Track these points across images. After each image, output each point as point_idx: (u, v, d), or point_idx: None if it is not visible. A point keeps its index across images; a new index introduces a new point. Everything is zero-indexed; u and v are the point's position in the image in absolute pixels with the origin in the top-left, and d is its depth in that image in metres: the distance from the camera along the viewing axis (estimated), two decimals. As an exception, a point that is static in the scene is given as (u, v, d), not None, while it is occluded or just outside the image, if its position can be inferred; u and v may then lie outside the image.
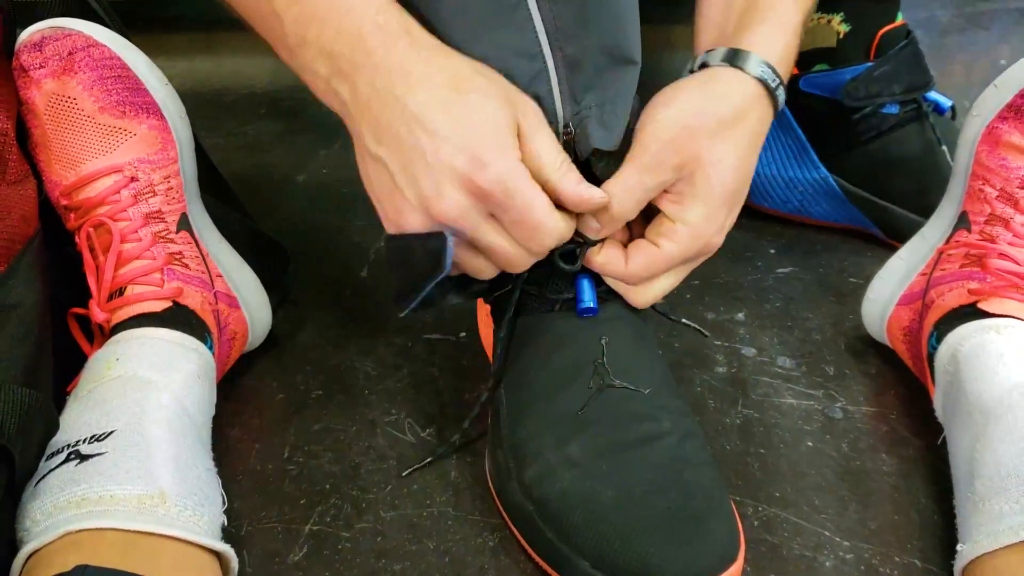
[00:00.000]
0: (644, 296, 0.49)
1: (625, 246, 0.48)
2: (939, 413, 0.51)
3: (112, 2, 0.59)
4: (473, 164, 0.41)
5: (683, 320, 0.55)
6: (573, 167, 0.44)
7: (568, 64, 0.45)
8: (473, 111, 0.41)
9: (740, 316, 0.65)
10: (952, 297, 0.52)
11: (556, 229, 0.43)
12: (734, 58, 0.45)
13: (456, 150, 0.41)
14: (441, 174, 0.41)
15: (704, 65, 0.47)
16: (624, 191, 0.44)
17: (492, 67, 0.44)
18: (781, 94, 0.46)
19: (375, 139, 0.43)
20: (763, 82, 0.45)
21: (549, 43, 0.45)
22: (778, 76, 0.46)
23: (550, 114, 0.46)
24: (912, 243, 0.59)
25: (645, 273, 0.47)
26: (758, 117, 0.46)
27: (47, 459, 0.42)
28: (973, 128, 0.55)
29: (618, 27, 0.47)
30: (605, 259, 0.47)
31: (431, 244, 0.42)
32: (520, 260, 0.45)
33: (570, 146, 0.47)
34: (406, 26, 0.42)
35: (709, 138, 0.44)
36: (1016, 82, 0.52)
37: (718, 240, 0.47)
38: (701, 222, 0.45)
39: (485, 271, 0.46)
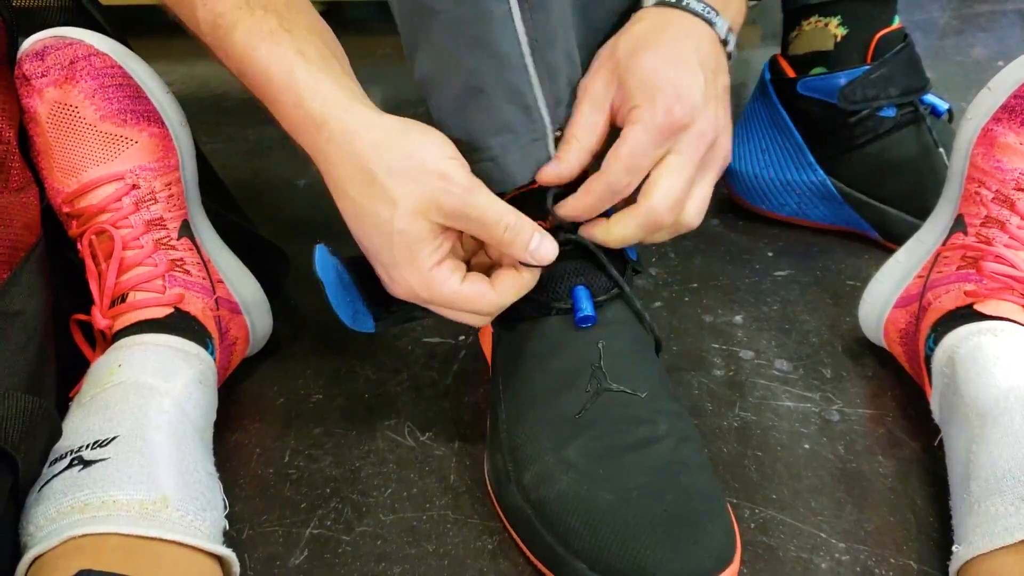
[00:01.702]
0: (607, 233, 0.48)
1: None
2: (936, 415, 0.52)
3: (113, 7, 0.59)
4: (390, 278, 0.46)
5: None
6: (522, 222, 0.45)
7: (549, 69, 0.46)
8: (377, 226, 0.44)
9: (738, 319, 0.66)
10: (948, 299, 0.53)
11: (480, 319, 0.48)
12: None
13: (379, 263, 0.46)
14: (383, 269, 0.46)
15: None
16: (579, 118, 0.47)
17: (482, 81, 0.45)
18: (694, 4, 0.48)
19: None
20: (664, 3, 0.48)
21: (531, 52, 0.46)
22: None
23: (538, 121, 0.47)
24: (909, 246, 0.59)
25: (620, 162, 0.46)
26: (679, 28, 0.47)
27: (50, 465, 0.42)
28: (968, 131, 0.55)
29: (607, 22, 0.49)
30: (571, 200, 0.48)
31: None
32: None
33: None
34: (323, 115, 0.44)
35: (626, 48, 0.46)
36: (1009, 83, 0.53)
37: (680, 113, 0.45)
38: (646, 104, 0.45)
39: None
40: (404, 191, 0.43)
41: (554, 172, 0.47)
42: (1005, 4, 1.27)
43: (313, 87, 0.44)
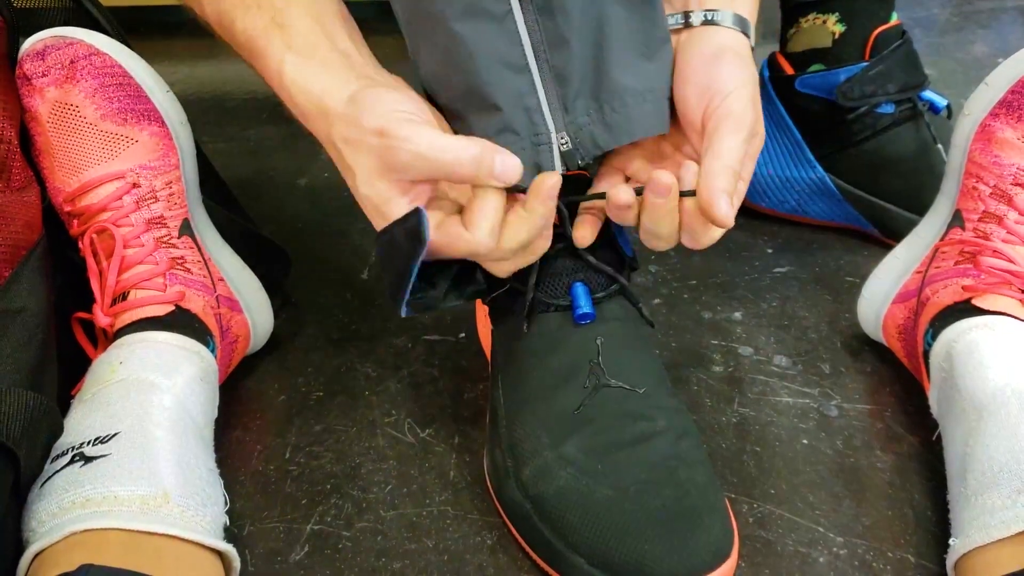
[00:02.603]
0: (712, 235, 0.46)
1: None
2: (934, 410, 0.52)
3: (115, 7, 0.60)
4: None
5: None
6: (475, 147, 0.42)
7: (555, 75, 0.45)
8: (354, 194, 0.45)
9: (737, 315, 0.66)
10: (947, 294, 0.53)
11: (481, 255, 0.45)
12: (739, 23, 0.48)
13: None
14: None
15: (711, 22, 0.48)
16: (739, 162, 0.44)
17: (483, 81, 0.45)
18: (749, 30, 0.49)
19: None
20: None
21: (535, 55, 0.45)
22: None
23: (539, 126, 0.46)
24: (907, 241, 0.59)
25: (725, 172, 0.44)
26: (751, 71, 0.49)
27: (52, 461, 0.42)
28: (966, 127, 0.55)
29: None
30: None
31: (409, 223, 0.43)
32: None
33: (571, 155, 0.47)
34: (305, 109, 0.45)
35: (755, 95, 0.47)
36: (1007, 79, 0.53)
37: (751, 164, 0.47)
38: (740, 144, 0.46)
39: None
40: (357, 159, 0.44)
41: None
42: (1005, 1, 1.27)
43: (299, 83, 0.45)
